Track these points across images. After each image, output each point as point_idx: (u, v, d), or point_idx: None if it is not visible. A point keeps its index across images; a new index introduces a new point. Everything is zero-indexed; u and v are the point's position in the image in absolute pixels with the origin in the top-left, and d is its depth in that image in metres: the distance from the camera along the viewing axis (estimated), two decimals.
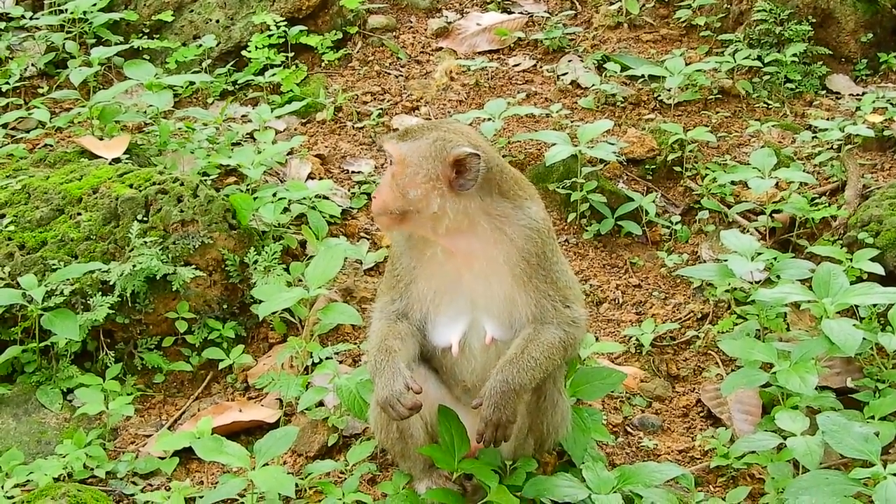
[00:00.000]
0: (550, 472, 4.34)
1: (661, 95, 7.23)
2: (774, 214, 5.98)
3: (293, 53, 7.54)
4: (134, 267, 5.04)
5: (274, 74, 7.19)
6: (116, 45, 7.17)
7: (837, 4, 7.59)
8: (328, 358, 4.90)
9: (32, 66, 7.46)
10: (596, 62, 7.55)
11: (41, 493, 4.19)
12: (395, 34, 8.05)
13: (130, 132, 6.49)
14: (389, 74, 7.62)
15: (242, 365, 5.20)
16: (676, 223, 6.20)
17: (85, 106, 6.45)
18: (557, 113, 6.86)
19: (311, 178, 6.39)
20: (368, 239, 6.02)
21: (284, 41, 7.47)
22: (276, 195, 5.69)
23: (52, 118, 6.64)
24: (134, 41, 7.19)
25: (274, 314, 5.26)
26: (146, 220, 5.29)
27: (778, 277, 5.09)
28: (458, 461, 4.09)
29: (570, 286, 4.10)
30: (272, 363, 5.12)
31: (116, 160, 5.93)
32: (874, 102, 6.96)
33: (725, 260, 5.16)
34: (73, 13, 7.30)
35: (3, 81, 7.19)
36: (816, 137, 6.72)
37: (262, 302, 4.76)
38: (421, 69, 7.70)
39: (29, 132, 6.76)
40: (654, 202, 6.19)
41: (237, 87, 7.40)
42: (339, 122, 7.11)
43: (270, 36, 7.42)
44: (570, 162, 6.17)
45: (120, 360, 5.15)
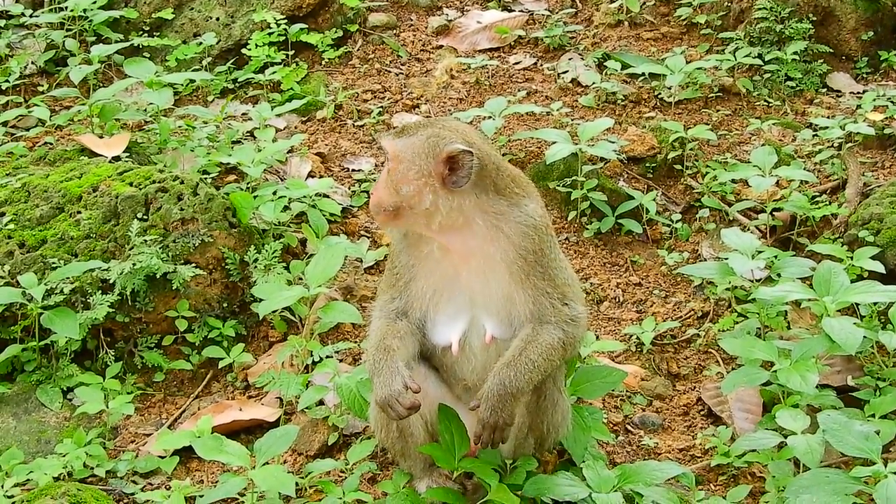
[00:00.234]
0: (551, 470, 4.34)
1: (661, 93, 7.22)
2: (775, 212, 5.97)
3: (293, 51, 7.53)
4: (134, 265, 5.04)
5: (274, 72, 7.19)
6: (116, 42, 7.16)
7: (838, 2, 7.58)
8: (328, 356, 4.90)
9: (32, 63, 7.46)
10: (596, 60, 7.54)
11: (41, 492, 4.18)
12: (395, 32, 8.04)
13: (130, 130, 6.49)
14: (390, 72, 7.62)
15: (242, 364, 5.19)
16: (677, 221, 6.20)
17: (85, 104, 6.46)
18: (558, 111, 6.86)
19: (311, 176, 6.38)
20: (369, 237, 6.02)
21: (285, 39, 7.46)
22: (276, 193, 5.69)
23: (52, 116, 6.63)
24: (134, 39, 7.18)
25: (274, 313, 5.26)
26: (146, 218, 5.29)
27: (778, 276, 5.09)
28: (458, 460, 4.08)
29: (568, 283, 4.08)
30: (272, 362, 5.11)
31: (116, 158, 5.93)
32: (875, 100, 6.95)
33: (726, 258, 5.16)
34: (73, 11, 7.31)
35: (3, 79, 7.19)
36: (817, 135, 6.72)
37: (262, 300, 4.76)
38: (421, 67, 7.69)
39: (29, 130, 6.75)
40: (654, 200, 6.19)
41: (237, 85, 7.40)
42: (339, 120, 7.11)
43: (271, 34, 7.42)
44: (570, 160, 6.16)
45: (120, 358, 5.15)
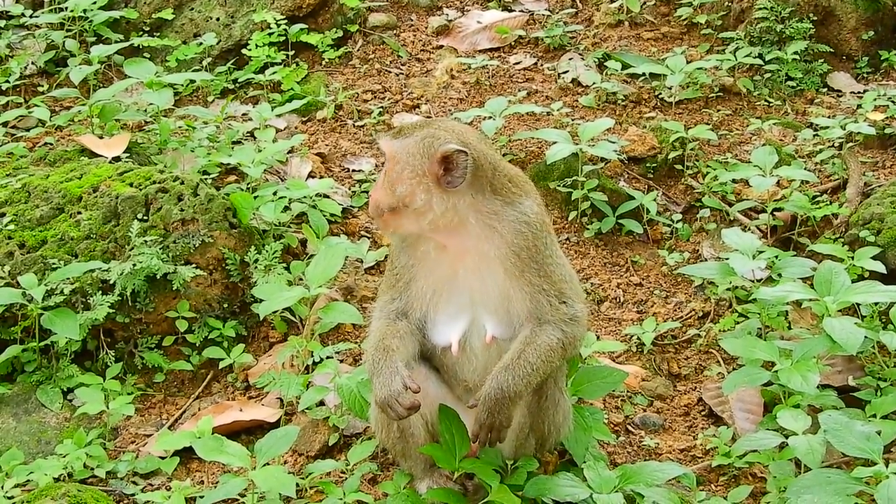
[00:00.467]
0: (552, 471, 4.34)
1: (662, 93, 7.22)
2: (776, 212, 5.97)
3: (293, 52, 7.53)
4: (134, 266, 5.03)
5: (274, 73, 7.18)
6: (116, 43, 7.15)
7: (839, 2, 7.58)
8: (329, 357, 4.89)
9: (32, 64, 7.46)
10: (597, 60, 7.54)
11: (41, 492, 4.18)
12: (395, 32, 8.04)
13: (131, 130, 6.48)
14: (390, 72, 7.61)
15: (243, 364, 5.19)
16: (677, 221, 6.19)
17: (85, 104, 6.45)
18: (558, 111, 6.85)
19: (311, 176, 6.37)
20: (369, 238, 6.01)
21: (285, 39, 7.46)
22: (276, 194, 5.68)
23: (52, 116, 6.63)
24: (134, 39, 7.17)
25: (274, 313, 5.25)
26: (146, 218, 5.28)
27: (779, 276, 5.09)
28: (459, 461, 4.08)
29: (566, 281, 4.06)
30: (273, 362, 5.11)
31: (117, 159, 5.92)
32: (875, 100, 6.95)
33: (727, 258, 5.16)
34: (73, 11, 7.30)
35: (3, 80, 7.19)
36: (818, 135, 6.71)
37: (262, 301, 4.76)
38: (422, 67, 7.68)
39: (29, 130, 6.75)
40: (655, 200, 6.18)
41: (237, 85, 7.39)
42: (339, 120, 7.11)
43: (271, 34, 7.41)
44: (570, 160, 6.15)
45: (120, 359, 5.14)
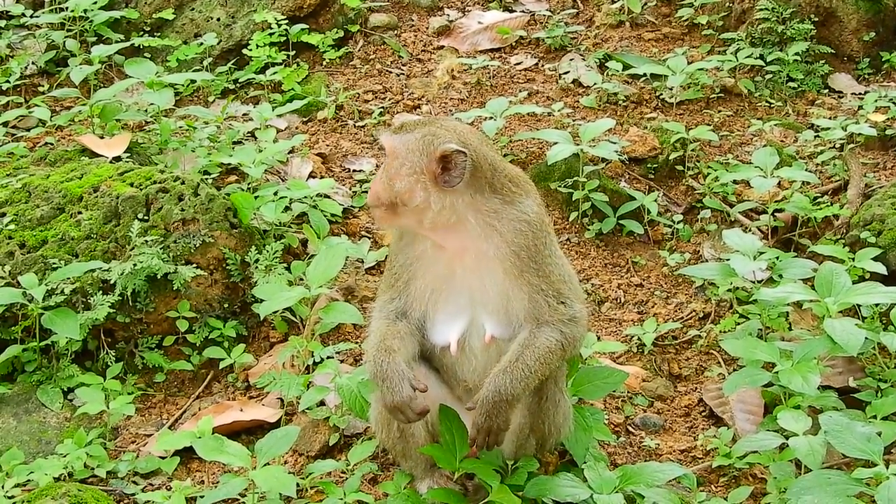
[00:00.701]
0: (552, 471, 4.34)
1: (663, 94, 7.22)
2: (777, 213, 5.96)
3: (294, 52, 7.53)
4: (135, 266, 5.03)
5: (275, 73, 7.18)
6: (117, 43, 7.15)
7: (840, 3, 7.58)
8: (329, 357, 4.89)
9: (33, 64, 7.46)
10: (598, 61, 7.54)
11: (41, 492, 4.18)
12: (396, 32, 8.04)
13: (131, 131, 6.48)
14: (391, 73, 7.61)
15: (243, 364, 5.19)
16: (678, 222, 6.19)
17: (86, 104, 6.45)
18: (559, 112, 6.85)
19: (312, 176, 6.37)
20: (370, 238, 6.01)
21: (286, 39, 7.46)
22: (277, 194, 5.68)
23: (52, 116, 6.63)
24: (135, 39, 7.17)
25: (275, 313, 5.25)
26: (147, 218, 5.28)
27: (780, 277, 5.08)
28: (459, 461, 4.08)
29: (565, 281, 4.05)
30: (273, 362, 5.11)
31: (117, 159, 5.92)
32: (876, 101, 6.95)
33: (727, 259, 5.15)
34: (73, 11, 7.30)
35: (3, 80, 7.19)
36: (819, 136, 6.71)
37: (263, 301, 4.76)
38: (422, 68, 7.68)
39: (29, 130, 6.75)
40: (655, 201, 6.18)
41: (238, 85, 7.39)
42: (340, 120, 7.10)
43: (272, 34, 7.41)
44: (571, 161, 6.15)
45: (121, 359, 5.14)
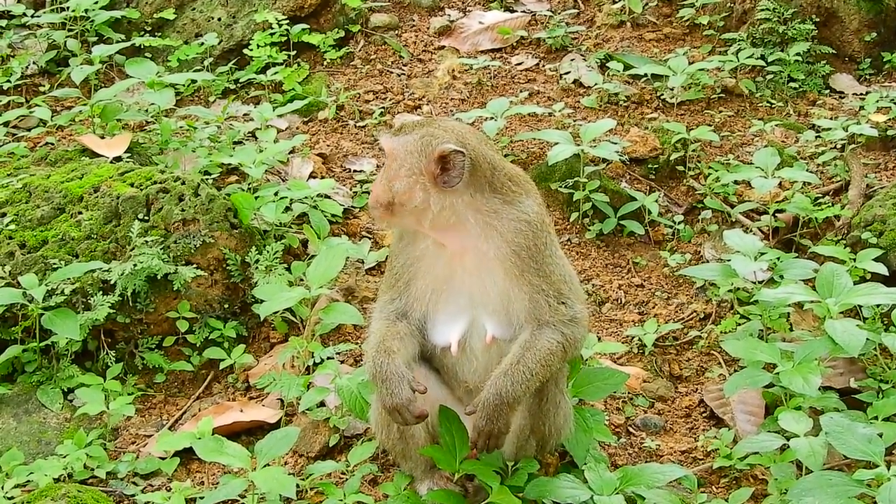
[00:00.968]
0: (552, 473, 4.33)
1: (664, 94, 7.21)
2: (777, 214, 5.96)
3: (295, 52, 7.52)
4: (135, 266, 5.03)
5: (276, 73, 7.18)
6: (118, 43, 7.15)
7: (841, 3, 7.57)
8: (329, 358, 4.89)
9: (34, 64, 7.46)
10: (599, 61, 7.53)
11: (41, 493, 4.18)
12: (397, 33, 8.03)
13: (132, 131, 6.48)
14: (392, 73, 7.61)
15: (243, 365, 5.18)
16: (679, 223, 6.18)
17: (86, 104, 6.45)
18: (560, 112, 6.85)
19: (312, 177, 6.37)
20: (370, 238, 6.01)
21: (286, 39, 7.46)
22: (277, 194, 5.68)
23: (53, 116, 6.63)
24: (135, 39, 7.17)
25: (275, 314, 5.25)
26: (147, 219, 5.28)
27: (781, 277, 5.07)
28: (459, 462, 4.07)
29: (565, 281, 4.05)
30: (273, 363, 5.10)
31: (118, 159, 5.92)
32: (878, 102, 6.94)
33: (728, 260, 5.15)
34: (74, 11, 7.30)
35: (4, 79, 7.19)
36: (820, 137, 6.70)
37: (263, 301, 4.76)
38: (423, 68, 7.68)
39: (30, 130, 6.75)
40: (656, 202, 6.18)
41: (239, 85, 7.39)
42: (341, 120, 7.10)
43: (272, 34, 7.41)
44: (572, 161, 6.15)
45: (121, 359, 5.14)
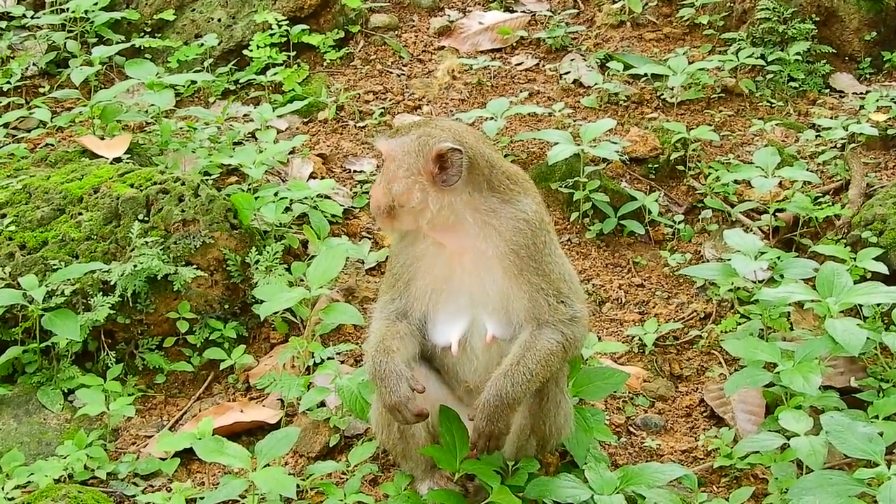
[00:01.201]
0: (553, 472, 4.33)
1: (664, 94, 7.21)
2: (778, 213, 5.95)
3: (295, 52, 7.53)
4: (135, 267, 5.03)
5: (276, 73, 7.18)
6: (118, 44, 7.15)
7: (841, 3, 7.56)
8: (330, 358, 4.89)
9: (34, 65, 7.46)
10: (599, 61, 7.53)
11: (41, 494, 4.18)
12: (397, 33, 8.03)
13: (132, 131, 6.48)
14: (391, 73, 7.61)
15: (244, 365, 5.18)
16: (679, 222, 6.18)
17: (86, 105, 6.45)
18: (560, 112, 6.85)
19: (312, 177, 6.37)
20: (370, 238, 6.01)
21: (286, 40, 7.46)
22: (277, 195, 5.68)
23: (53, 117, 6.63)
24: (135, 40, 7.17)
25: (275, 314, 5.25)
26: (147, 219, 5.28)
27: (781, 277, 5.07)
28: (459, 462, 4.07)
29: (565, 280, 4.04)
30: (274, 363, 5.10)
31: (117, 160, 5.92)
32: (878, 101, 6.93)
33: (729, 259, 5.15)
34: (74, 12, 7.30)
35: (4, 81, 7.19)
36: (820, 136, 6.70)
37: (263, 302, 4.76)
38: (423, 68, 7.68)
39: (30, 132, 6.75)
40: (656, 201, 6.18)
41: (239, 86, 7.39)
42: (341, 121, 7.10)
43: (272, 35, 7.41)
44: (572, 161, 6.15)
45: (121, 360, 5.14)
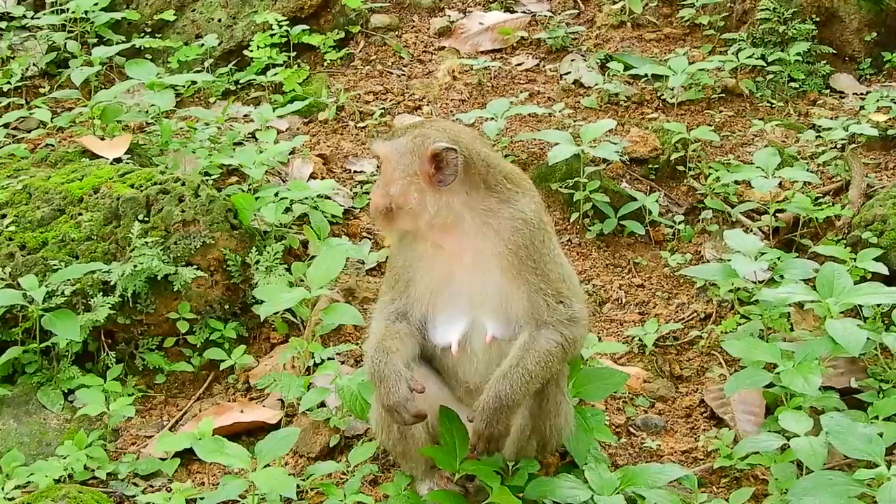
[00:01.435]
0: (553, 473, 4.33)
1: (664, 95, 7.21)
2: (778, 214, 5.95)
3: (295, 53, 7.53)
4: (135, 267, 5.03)
5: (276, 74, 7.18)
6: (118, 44, 7.15)
7: (841, 3, 7.56)
8: (330, 358, 4.90)
9: (34, 65, 7.46)
10: (599, 61, 7.53)
11: (41, 494, 4.18)
12: (397, 33, 8.03)
13: (132, 132, 6.48)
14: (392, 74, 7.61)
15: (244, 365, 5.18)
16: (680, 223, 6.18)
17: (86, 105, 6.44)
18: (560, 112, 6.84)
19: (313, 177, 6.37)
20: (370, 239, 6.01)
21: (287, 40, 7.46)
22: (277, 195, 5.68)
23: (53, 118, 6.63)
24: (136, 40, 7.17)
25: (276, 314, 5.25)
26: (147, 220, 5.28)
27: (781, 277, 5.07)
28: (459, 462, 4.07)
29: (564, 280, 4.04)
30: (274, 364, 5.10)
31: (118, 160, 5.92)
32: (878, 101, 6.94)
33: (729, 260, 5.14)
34: (74, 12, 7.30)
35: (4, 81, 7.19)
36: (820, 137, 6.70)
37: (263, 302, 4.76)
38: (423, 68, 7.68)
39: (30, 132, 6.75)
40: (657, 202, 6.17)
41: (239, 86, 7.39)
42: (341, 121, 7.10)
43: (273, 35, 7.41)
44: (572, 161, 6.14)
45: (121, 360, 5.14)
